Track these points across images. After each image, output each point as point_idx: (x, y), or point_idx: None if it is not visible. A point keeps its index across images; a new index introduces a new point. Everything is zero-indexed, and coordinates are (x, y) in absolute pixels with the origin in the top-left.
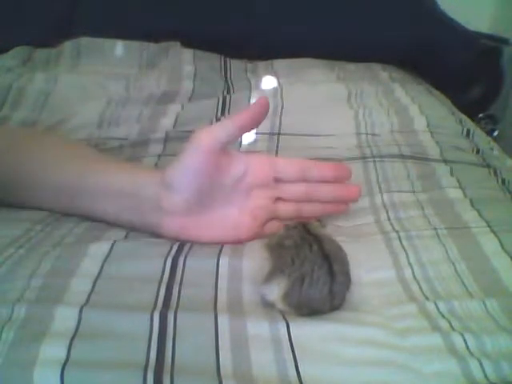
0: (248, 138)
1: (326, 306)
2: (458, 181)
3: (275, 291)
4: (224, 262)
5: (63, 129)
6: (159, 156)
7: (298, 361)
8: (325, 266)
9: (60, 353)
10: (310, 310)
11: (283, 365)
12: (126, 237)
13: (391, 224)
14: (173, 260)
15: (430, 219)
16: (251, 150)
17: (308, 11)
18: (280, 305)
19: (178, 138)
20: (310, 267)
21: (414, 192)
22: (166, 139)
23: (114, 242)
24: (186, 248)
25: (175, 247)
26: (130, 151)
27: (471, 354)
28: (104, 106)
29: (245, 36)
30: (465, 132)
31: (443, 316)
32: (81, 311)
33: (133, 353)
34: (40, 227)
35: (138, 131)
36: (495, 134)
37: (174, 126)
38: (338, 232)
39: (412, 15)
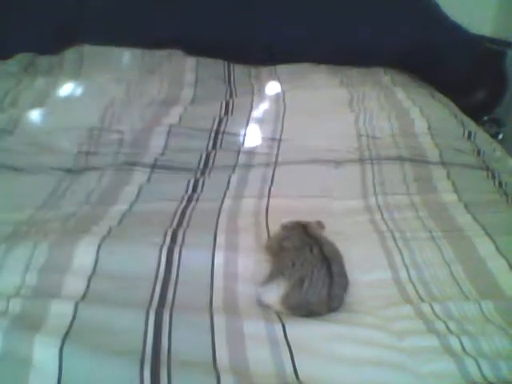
0: (250, 142)
1: (324, 308)
2: (454, 184)
3: (274, 293)
4: (219, 259)
5: (64, 123)
6: (161, 154)
7: (295, 358)
8: (324, 269)
9: (55, 346)
10: (308, 311)
11: (280, 361)
12: (108, 232)
13: (386, 224)
14: (168, 253)
15: (424, 221)
16: (253, 153)
17: (310, 17)
18: (278, 306)
19: (182, 134)
20: (309, 270)
21: (408, 194)
22: (170, 132)
23: (104, 237)
24: (179, 237)
25: (168, 237)
26: (129, 148)
27: (468, 354)
28: (106, 105)
29: (248, 42)
30: (466, 134)
31: (439, 318)
32: (76, 306)
33: (129, 347)
34: (26, 228)
35: (140, 127)
36: (500, 137)
37: (179, 122)
38: (334, 232)
39: (414, 20)
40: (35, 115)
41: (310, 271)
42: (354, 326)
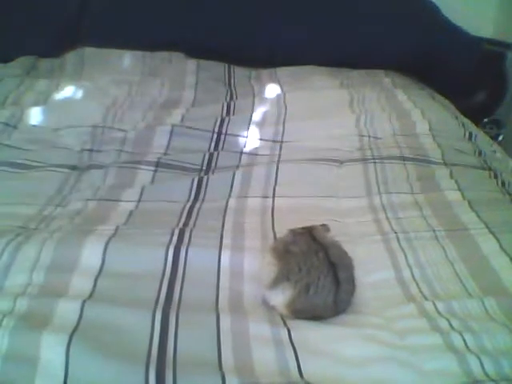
0: (252, 144)
1: (329, 313)
2: (457, 183)
3: (280, 297)
4: (225, 258)
5: (66, 121)
6: (164, 154)
7: (300, 358)
8: (330, 275)
9: (62, 345)
10: (313, 316)
11: (284, 361)
12: (115, 231)
13: (390, 224)
14: (174, 252)
15: (428, 220)
16: (255, 154)
17: (311, 19)
18: (283, 310)
19: (184, 134)
20: (315, 275)
21: (412, 193)
22: (172, 132)
23: (110, 236)
24: (186, 237)
25: (175, 237)
26: (132, 147)
27: (470, 351)
28: (109, 105)
29: (248, 44)
30: (467, 135)
31: (442, 316)
32: (83, 306)
33: (135, 348)
34: (34, 224)
35: (142, 126)
36: (500, 138)
37: (181, 122)
38: (338, 233)
39: (415, 22)
40: (37, 112)
41: (316, 278)
42: (358, 326)
